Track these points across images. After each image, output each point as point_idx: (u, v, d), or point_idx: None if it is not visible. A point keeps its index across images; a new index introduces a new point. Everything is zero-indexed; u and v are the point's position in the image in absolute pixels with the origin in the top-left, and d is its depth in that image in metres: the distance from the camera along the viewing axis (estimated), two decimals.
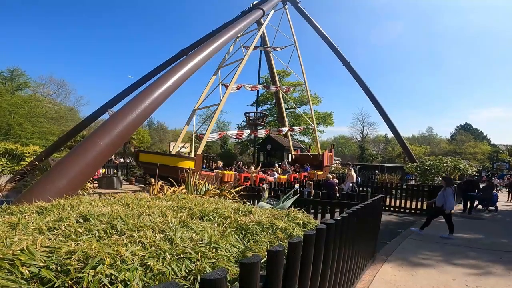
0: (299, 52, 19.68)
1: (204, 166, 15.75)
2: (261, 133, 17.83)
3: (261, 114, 21.65)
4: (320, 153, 19.03)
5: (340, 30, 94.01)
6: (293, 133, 21.49)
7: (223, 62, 16.07)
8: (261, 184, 12.18)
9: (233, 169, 15.83)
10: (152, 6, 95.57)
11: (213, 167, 16.62)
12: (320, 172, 17.31)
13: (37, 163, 11.92)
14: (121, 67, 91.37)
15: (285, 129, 19.07)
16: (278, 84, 22.88)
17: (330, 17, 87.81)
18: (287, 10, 19.61)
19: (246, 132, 16.84)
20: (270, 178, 13.63)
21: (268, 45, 20.40)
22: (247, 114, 21.30)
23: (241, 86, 15.47)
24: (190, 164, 11.26)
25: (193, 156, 12.19)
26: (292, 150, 20.66)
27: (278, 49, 20.24)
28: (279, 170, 16.16)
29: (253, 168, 15.35)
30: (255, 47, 17.34)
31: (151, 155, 12.30)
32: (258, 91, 21.04)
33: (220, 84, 14.88)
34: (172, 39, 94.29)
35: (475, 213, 11.00)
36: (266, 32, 20.16)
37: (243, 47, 16.00)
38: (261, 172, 14.93)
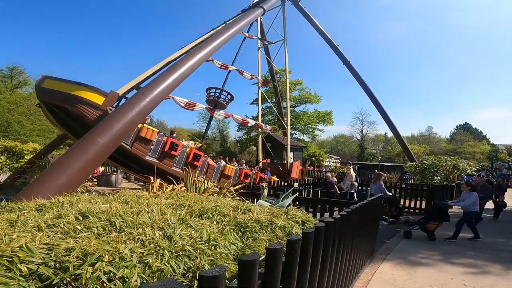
0: (286, 49, 19.78)
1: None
2: (220, 114, 15.89)
3: (225, 94, 17.45)
4: (289, 164, 17.46)
5: (341, 28, 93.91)
6: (263, 130, 19.31)
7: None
8: (195, 163, 11.20)
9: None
10: (154, 3, 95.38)
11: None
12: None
13: (36, 160, 11.88)
14: (122, 65, 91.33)
15: (252, 122, 18.19)
16: (275, 80, 22.71)
17: (332, 16, 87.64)
18: (284, 7, 19.66)
19: (199, 106, 14.77)
20: (212, 163, 12.49)
21: (259, 36, 19.30)
22: (209, 91, 17.30)
23: (210, 60, 14.05)
24: (95, 98, 8.90)
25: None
26: (289, 149, 19.88)
27: (266, 43, 20.13)
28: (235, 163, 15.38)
29: (192, 143, 14.16)
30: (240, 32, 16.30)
31: (58, 82, 9.25)
32: (228, 73, 18.84)
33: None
34: (174, 36, 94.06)
35: None
36: (261, 23, 19.44)
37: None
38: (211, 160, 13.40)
